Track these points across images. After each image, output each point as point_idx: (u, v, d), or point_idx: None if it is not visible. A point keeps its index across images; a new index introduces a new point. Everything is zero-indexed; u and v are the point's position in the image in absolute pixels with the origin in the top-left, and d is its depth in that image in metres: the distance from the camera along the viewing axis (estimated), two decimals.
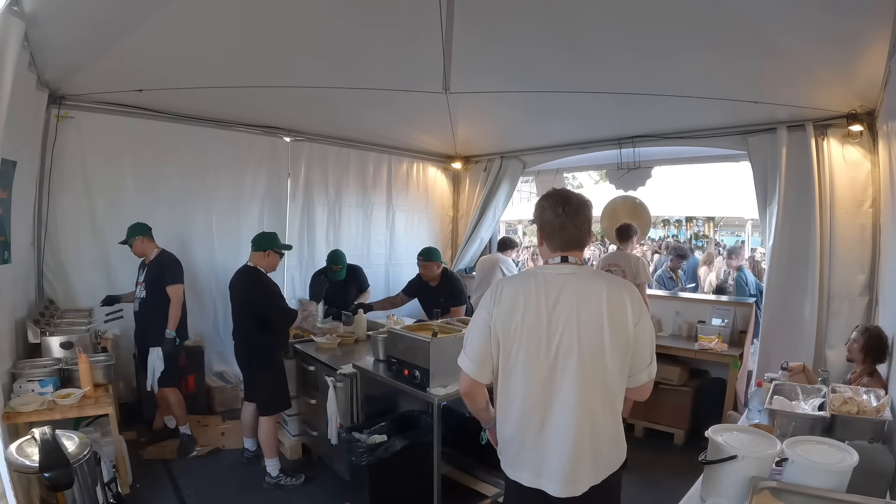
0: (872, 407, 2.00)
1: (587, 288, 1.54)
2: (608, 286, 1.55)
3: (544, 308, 1.54)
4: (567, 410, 1.52)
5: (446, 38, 3.11)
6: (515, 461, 1.64)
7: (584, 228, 1.61)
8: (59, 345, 3.02)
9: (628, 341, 1.53)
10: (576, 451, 1.52)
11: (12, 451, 1.68)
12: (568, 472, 1.52)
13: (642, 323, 1.55)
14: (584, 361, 1.50)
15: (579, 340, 1.51)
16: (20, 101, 2.55)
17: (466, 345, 1.67)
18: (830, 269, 3.58)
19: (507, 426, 1.65)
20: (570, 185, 14.22)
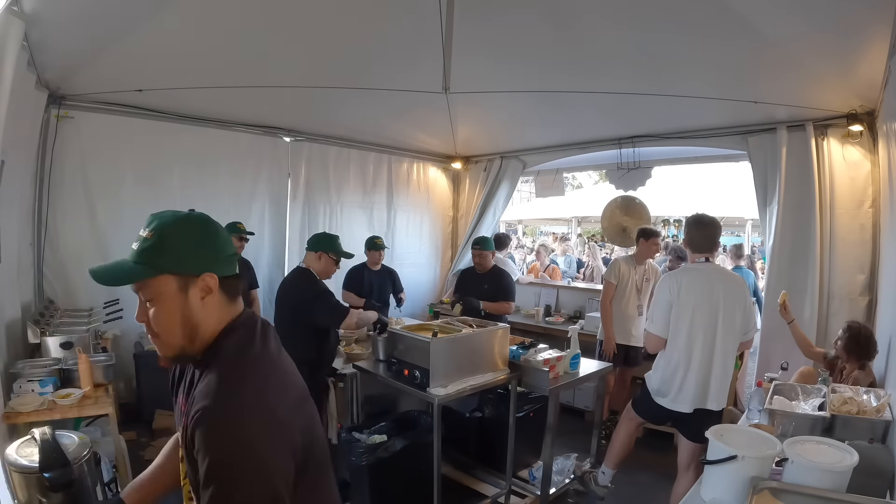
0: (872, 407, 2.00)
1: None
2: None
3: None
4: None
5: (446, 38, 3.11)
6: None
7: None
8: (59, 345, 3.01)
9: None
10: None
11: (12, 451, 1.68)
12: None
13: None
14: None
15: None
16: (18, 100, 2.55)
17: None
18: (830, 269, 3.58)
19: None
20: (570, 185, 14.23)
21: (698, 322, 2.53)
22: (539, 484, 2.99)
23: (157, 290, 0.98)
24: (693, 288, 2.55)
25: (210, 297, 1.01)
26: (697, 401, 2.55)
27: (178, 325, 0.99)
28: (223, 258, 1.05)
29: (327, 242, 3.00)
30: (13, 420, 2.46)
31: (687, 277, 2.61)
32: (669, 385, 2.60)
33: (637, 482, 3.45)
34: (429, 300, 6.13)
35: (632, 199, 5.05)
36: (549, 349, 3.09)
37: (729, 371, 2.58)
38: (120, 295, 4.00)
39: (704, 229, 2.67)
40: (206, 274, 1.01)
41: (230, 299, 1.06)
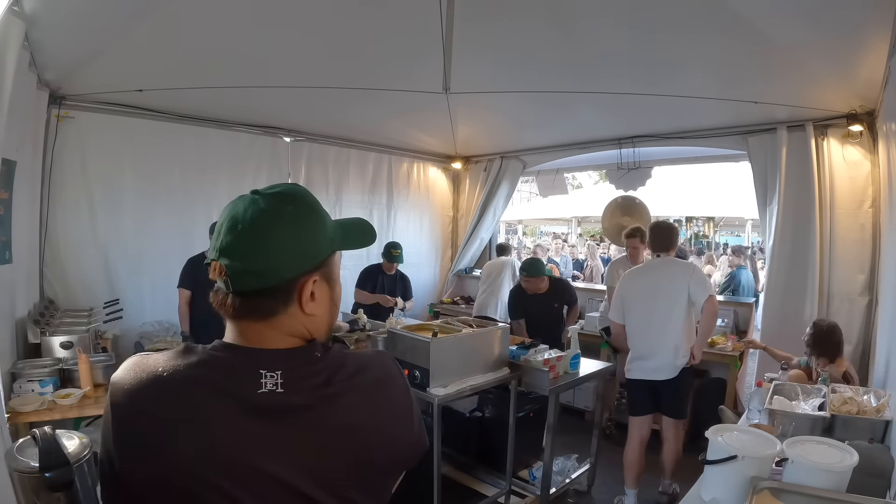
0: (872, 407, 2.00)
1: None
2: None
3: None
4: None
5: (446, 38, 3.11)
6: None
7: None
8: (59, 345, 3.01)
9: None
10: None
11: (12, 451, 1.68)
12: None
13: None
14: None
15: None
16: (21, 101, 2.55)
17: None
18: (830, 269, 3.58)
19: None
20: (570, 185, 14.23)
21: (643, 307, 3.05)
22: (539, 484, 2.99)
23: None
24: (635, 281, 3.14)
25: None
26: (659, 371, 3.01)
27: None
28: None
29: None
30: (13, 420, 2.46)
31: (630, 274, 3.24)
32: (634, 358, 3.09)
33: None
34: (429, 300, 6.13)
35: (632, 199, 5.06)
36: (549, 349, 3.09)
37: (678, 338, 3.03)
38: (120, 295, 4.01)
39: (658, 232, 3.22)
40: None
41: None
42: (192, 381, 0.74)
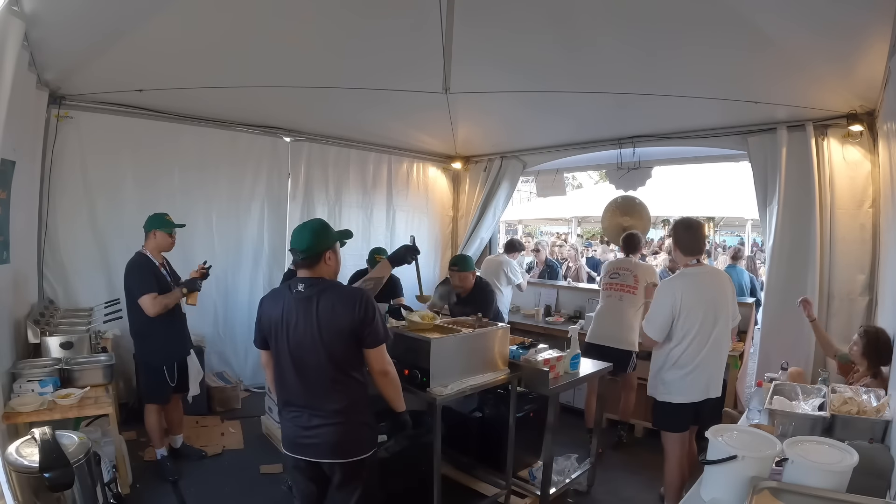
0: (872, 407, 2.00)
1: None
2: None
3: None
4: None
5: (446, 38, 3.11)
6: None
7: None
8: (59, 345, 3.02)
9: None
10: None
11: (12, 452, 1.68)
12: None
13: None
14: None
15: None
16: (20, 101, 2.55)
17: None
18: (830, 269, 3.58)
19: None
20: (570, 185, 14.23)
21: (701, 324, 2.69)
22: (539, 484, 2.99)
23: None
24: (691, 293, 2.70)
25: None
26: (706, 391, 2.75)
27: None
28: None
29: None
30: (13, 420, 2.47)
31: (684, 283, 2.75)
32: (682, 382, 2.74)
33: (637, 482, 3.45)
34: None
35: (632, 199, 5.06)
36: (549, 349, 3.09)
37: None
38: (120, 295, 4.01)
39: (693, 232, 2.78)
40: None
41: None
42: (281, 287, 2.16)
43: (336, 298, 1.95)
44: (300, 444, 2.04)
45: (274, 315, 2.01)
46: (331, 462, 2.04)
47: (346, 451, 2.03)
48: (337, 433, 2.00)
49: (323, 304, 1.94)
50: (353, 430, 2.04)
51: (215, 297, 4.63)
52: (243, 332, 4.84)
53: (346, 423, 2.02)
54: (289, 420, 2.07)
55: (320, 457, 2.03)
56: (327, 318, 1.93)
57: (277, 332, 2.01)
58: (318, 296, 1.95)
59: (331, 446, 2.01)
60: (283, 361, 2.02)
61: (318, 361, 1.96)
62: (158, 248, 3.27)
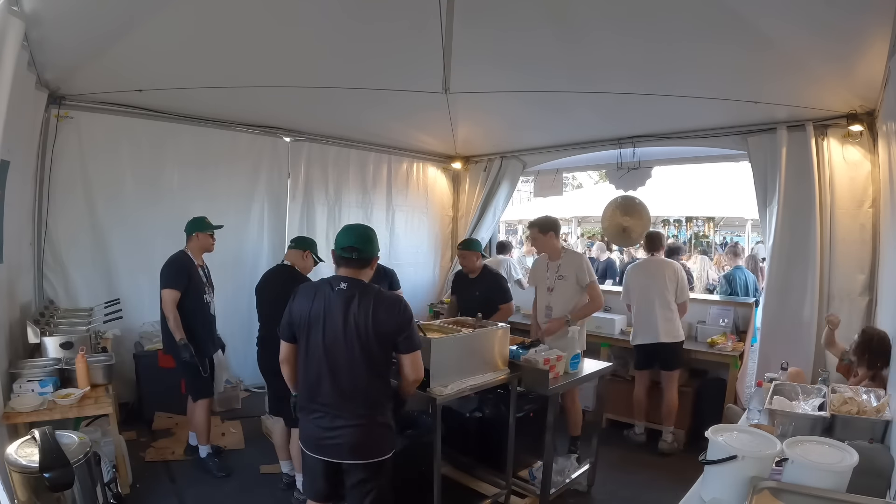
0: (872, 407, 2.00)
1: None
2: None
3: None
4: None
5: (446, 38, 3.11)
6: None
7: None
8: (59, 345, 3.01)
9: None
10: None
11: (12, 452, 1.68)
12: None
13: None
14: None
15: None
16: (16, 100, 2.55)
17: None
18: (830, 269, 3.58)
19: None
20: (570, 185, 14.23)
21: (640, 291, 4.00)
22: (539, 484, 2.99)
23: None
24: (634, 273, 4.17)
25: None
26: (650, 336, 3.88)
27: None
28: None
29: (312, 244, 3.30)
30: (13, 420, 2.47)
31: (633, 269, 4.26)
32: (635, 329, 4.03)
33: (637, 482, 3.45)
34: (428, 300, 6.13)
35: (632, 199, 5.05)
36: (549, 349, 3.09)
37: (662, 315, 3.89)
38: (120, 295, 4.02)
39: (648, 240, 4.24)
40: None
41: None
42: (319, 282, 2.13)
43: (378, 301, 1.98)
44: (321, 446, 2.04)
45: (307, 309, 2.02)
46: (351, 463, 2.03)
47: (368, 453, 2.03)
48: (360, 434, 2.00)
49: (365, 305, 1.97)
50: (376, 432, 2.04)
51: (215, 296, 4.62)
52: (243, 332, 4.83)
53: (369, 424, 2.01)
54: (311, 420, 2.06)
55: (341, 457, 2.03)
56: (368, 318, 1.95)
57: (312, 327, 2.01)
58: (360, 296, 1.98)
59: (352, 447, 2.01)
60: (313, 357, 2.02)
61: (352, 359, 1.97)
62: (201, 249, 3.43)
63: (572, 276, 3.49)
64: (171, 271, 3.27)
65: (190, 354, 3.18)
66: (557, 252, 3.58)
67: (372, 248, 2.08)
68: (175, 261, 3.31)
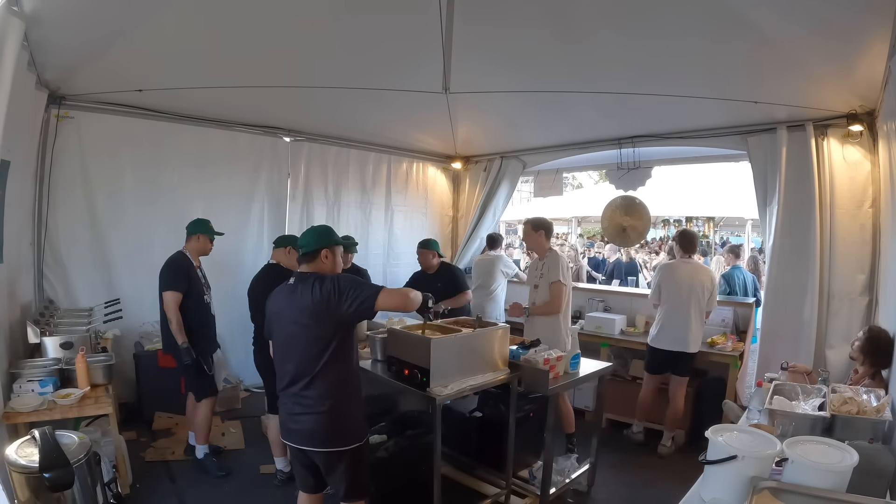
0: (872, 407, 1.99)
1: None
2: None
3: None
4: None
5: (446, 38, 3.11)
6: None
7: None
8: (59, 345, 3.01)
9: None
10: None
11: (12, 452, 1.68)
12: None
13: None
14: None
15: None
16: (18, 100, 2.55)
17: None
18: (830, 269, 3.58)
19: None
20: (570, 185, 14.23)
21: (674, 295, 3.82)
22: (539, 484, 2.99)
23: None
24: (670, 274, 3.92)
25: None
26: (678, 344, 3.76)
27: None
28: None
29: (293, 240, 3.23)
30: (13, 420, 2.47)
31: (667, 267, 4.02)
32: (659, 333, 3.86)
33: (637, 482, 3.45)
34: None
35: (632, 199, 5.05)
36: (549, 349, 3.08)
37: (696, 325, 3.78)
38: (120, 295, 4.01)
39: (685, 240, 4.00)
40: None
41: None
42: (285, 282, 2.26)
43: (317, 284, 2.09)
44: (288, 430, 2.17)
45: (272, 307, 2.24)
46: (312, 450, 2.14)
47: (327, 441, 2.10)
48: (317, 422, 2.09)
49: (305, 291, 2.10)
50: (335, 420, 2.11)
51: (215, 297, 4.62)
52: (243, 332, 4.80)
53: (327, 412, 2.09)
54: (281, 406, 2.22)
55: (303, 444, 2.14)
56: (310, 302, 2.07)
57: (275, 322, 2.21)
58: (302, 285, 2.12)
59: (312, 434, 2.11)
60: (278, 349, 2.21)
61: (304, 348, 2.09)
62: (199, 251, 3.44)
63: (548, 274, 3.60)
64: (171, 273, 3.26)
65: (191, 358, 3.19)
66: (544, 251, 3.69)
67: (317, 241, 2.20)
68: (174, 262, 3.31)
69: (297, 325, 2.11)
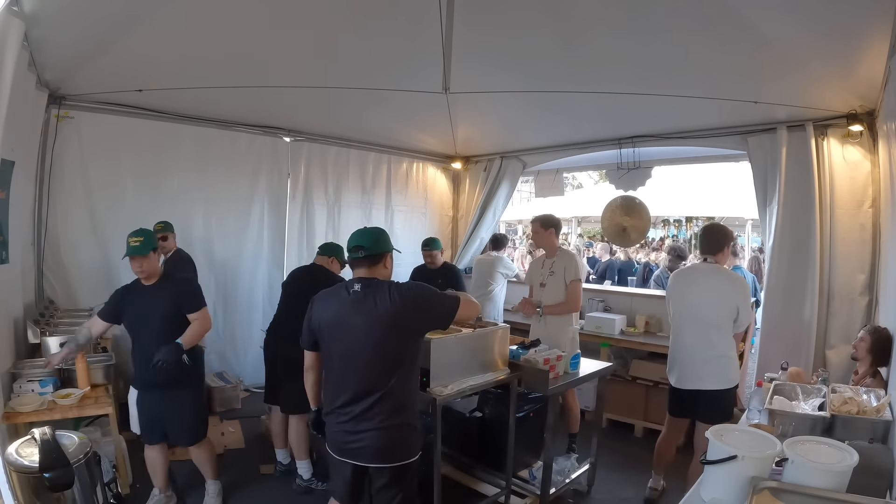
0: (872, 407, 1.99)
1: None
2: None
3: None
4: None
5: (446, 38, 3.11)
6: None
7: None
8: (59, 345, 3.01)
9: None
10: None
11: (12, 452, 1.68)
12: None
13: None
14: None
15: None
16: (19, 100, 2.55)
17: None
18: (830, 269, 3.58)
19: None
20: (570, 185, 14.22)
21: (685, 312, 3.03)
22: (539, 484, 2.99)
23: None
24: (678, 283, 3.15)
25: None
26: (692, 380, 2.95)
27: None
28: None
29: (337, 250, 3.38)
30: (13, 420, 2.47)
31: (676, 276, 3.30)
32: (671, 365, 3.11)
33: (637, 482, 3.45)
34: None
35: (632, 199, 5.05)
36: (549, 349, 3.09)
37: (714, 351, 2.91)
38: None
39: (704, 236, 3.17)
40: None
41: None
42: (336, 287, 2.14)
43: (394, 290, 1.97)
44: (347, 450, 2.02)
45: (326, 315, 2.04)
46: (377, 466, 2.01)
47: (393, 455, 2.00)
48: (384, 437, 1.98)
49: (380, 299, 1.95)
50: (400, 435, 2.01)
51: (215, 297, 4.63)
52: (243, 332, 4.84)
53: (394, 426, 1.98)
54: (336, 425, 2.05)
55: (367, 461, 2.01)
56: (383, 311, 1.93)
57: (331, 333, 2.02)
58: (374, 293, 1.96)
59: (377, 450, 1.98)
60: (334, 362, 2.04)
61: (371, 360, 1.95)
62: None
63: (561, 273, 3.55)
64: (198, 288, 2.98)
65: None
66: (554, 249, 3.64)
67: (379, 244, 2.06)
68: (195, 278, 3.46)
69: (367, 337, 1.95)
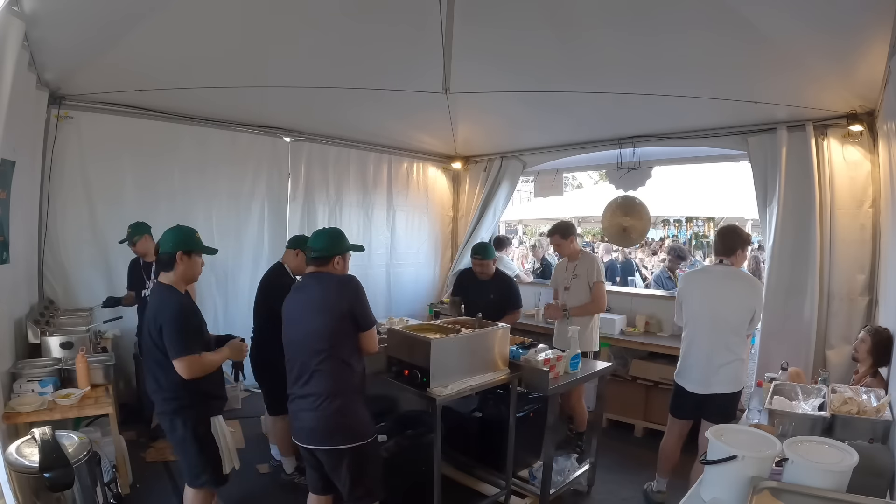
0: (872, 407, 1.99)
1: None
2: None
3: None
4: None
5: (446, 38, 3.11)
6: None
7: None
8: (59, 345, 3.02)
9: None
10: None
11: (12, 452, 1.68)
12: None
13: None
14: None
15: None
16: (20, 101, 2.55)
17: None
18: (830, 269, 3.57)
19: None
20: (570, 185, 14.21)
21: (698, 315, 2.97)
22: (539, 484, 2.99)
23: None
24: (692, 286, 3.08)
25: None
26: (703, 384, 2.91)
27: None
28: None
29: (303, 241, 3.19)
30: (13, 420, 2.46)
31: (689, 277, 3.25)
32: (682, 368, 3.05)
33: (637, 482, 3.45)
34: (429, 300, 6.13)
35: (632, 199, 5.05)
36: (549, 349, 3.09)
37: (727, 356, 2.88)
38: (120, 295, 4.01)
39: (720, 238, 3.09)
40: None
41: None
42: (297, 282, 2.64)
43: (328, 283, 2.18)
44: (296, 429, 2.20)
45: (285, 308, 2.29)
46: (314, 448, 2.15)
47: (329, 438, 2.10)
48: (319, 418, 2.10)
49: (316, 290, 2.19)
50: (337, 417, 2.11)
51: (216, 296, 4.63)
52: (243, 332, 4.78)
53: (328, 408, 2.09)
54: (290, 406, 2.24)
55: (306, 442, 2.16)
56: (319, 301, 2.15)
57: (286, 322, 2.27)
58: (315, 285, 2.20)
59: (313, 431, 2.12)
60: (287, 349, 2.26)
61: (310, 346, 2.13)
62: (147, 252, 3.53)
63: (584, 275, 3.69)
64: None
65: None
66: (577, 254, 3.80)
67: (330, 247, 2.24)
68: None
69: (303, 321, 2.17)
